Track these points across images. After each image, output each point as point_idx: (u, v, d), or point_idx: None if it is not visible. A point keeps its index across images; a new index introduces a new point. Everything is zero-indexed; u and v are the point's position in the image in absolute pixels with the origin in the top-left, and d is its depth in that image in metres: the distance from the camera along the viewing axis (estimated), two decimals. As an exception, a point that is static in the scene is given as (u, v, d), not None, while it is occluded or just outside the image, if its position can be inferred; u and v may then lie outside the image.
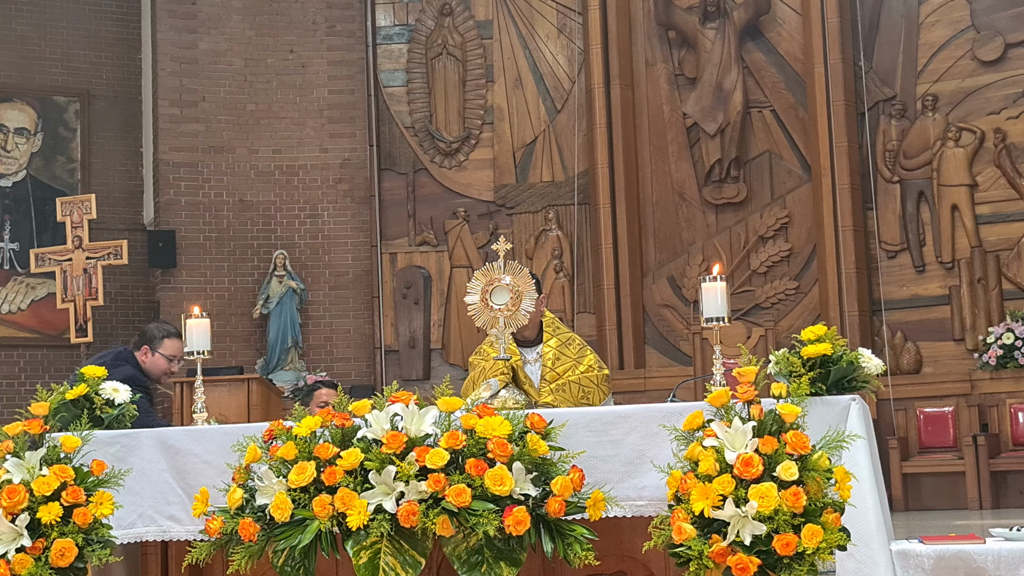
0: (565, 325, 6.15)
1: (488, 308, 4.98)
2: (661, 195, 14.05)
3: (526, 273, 5.07)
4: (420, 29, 14.91)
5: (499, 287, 4.98)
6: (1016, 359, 12.25)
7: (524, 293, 4.97)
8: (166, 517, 4.62)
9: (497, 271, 5.00)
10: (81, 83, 14.87)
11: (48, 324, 14.31)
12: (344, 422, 4.13)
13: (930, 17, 13.29)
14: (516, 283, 4.98)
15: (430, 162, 14.72)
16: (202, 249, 14.31)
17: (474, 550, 3.92)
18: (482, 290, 4.97)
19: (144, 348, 6.69)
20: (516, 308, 4.98)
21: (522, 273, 5.03)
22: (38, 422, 4.40)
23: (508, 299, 4.98)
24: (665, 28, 14.19)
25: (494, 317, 4.98)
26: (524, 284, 5.00)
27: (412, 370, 14.37)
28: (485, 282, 5.00)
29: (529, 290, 4.99)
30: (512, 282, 4.98)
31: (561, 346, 5.86)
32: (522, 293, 4.96)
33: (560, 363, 5.80)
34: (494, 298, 4.97)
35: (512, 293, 4.97)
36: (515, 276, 4.99)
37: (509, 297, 4.98)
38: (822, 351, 4.27)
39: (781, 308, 13.60)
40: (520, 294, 4.96)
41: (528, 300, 4.98)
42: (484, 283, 5.00)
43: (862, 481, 4.05)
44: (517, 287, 4.97)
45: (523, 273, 5.04)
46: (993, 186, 12.92)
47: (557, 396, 5.64)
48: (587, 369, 5.78)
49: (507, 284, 4.99)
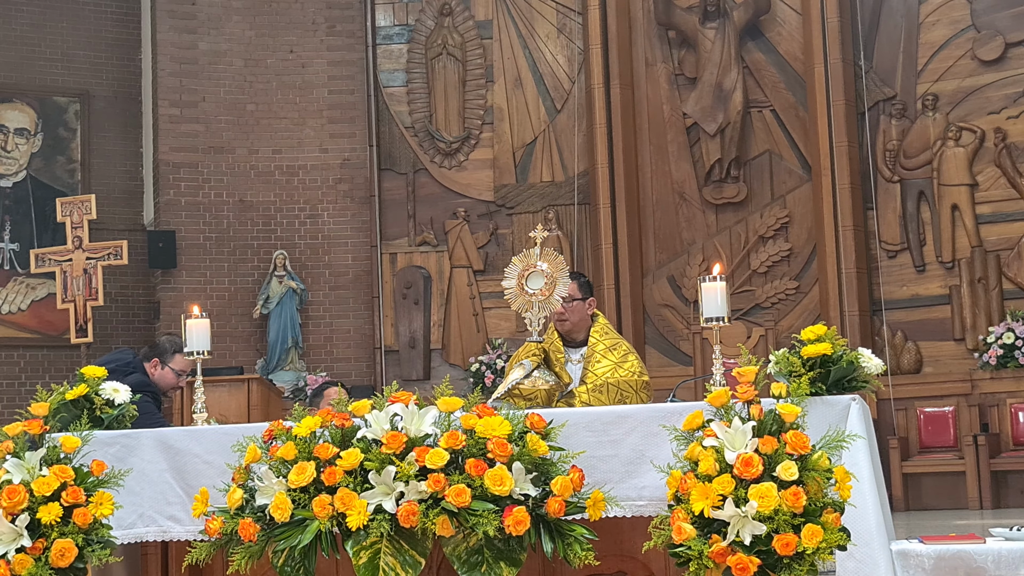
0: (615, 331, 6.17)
1: (523, 293, 5.14)
2: (661, 195, 14.05)
3: (561, 260, 5.23)
4: (420, 29, 14.92)
5: (535, 273, 5.15)
6: (1016, 359, 12.25)
7: (559, 280, 5.16)
8: (166, 517, 4.62)
9: (534, 257, 5.14)
10: (81, 83, 14.87)
11: (48, 324, 14.31)
12: (344, 422, 4.13)
13: (930, 17, 13.29)
14: (552, 270, 5.14)
15: (430, 162, 14.73)
16: (202, 249, 14.31)
17: (474, 550, 3.92)
18: (519, 275, 5.14)
19: (154, 360, 6.73)
20: (550, 293, 5.15)
21: (557, 260, 5.20)
22: (38, 422, 4.40)
23: (543, 284, 5.14)
24: (665, 28, 14.19)
25: (528, 301, 5.15)
26: (559, 271, 5.17)
27: (412, 370, 14.37)
28: (522, 267, 5.16)
29: (563, 277, 5.19)
30: (548, 269, 5.14)
31: (605, 350, 5.83)
32: (556, 280, 5.14)
33: (601, 365, 5.78)
34: (530, 283, 5.14)
35: (547, 279, 5.10)
36: (551, 263, 5.15)
37: (544, 283, 5.12)
38: (822, 351, 4.27)
39: (781, 308, 13.60)
40: (555, 281, 5.13)
41: (562, 286, 5.18)
42: (521, 268, 5.15)
43: (862, 481, 4.05)
44: (552, 274, 5.13)
45: (558, 260, 5.21)
46: (993, 186, 12.92)
47: (593, 396, 5.64)
48: (627, 374, 5.75)
49: (543, 270, 5.12)
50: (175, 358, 6.72)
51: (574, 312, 5.86)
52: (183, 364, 6.70)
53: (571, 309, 5.84)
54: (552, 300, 5.16)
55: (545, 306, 5.16)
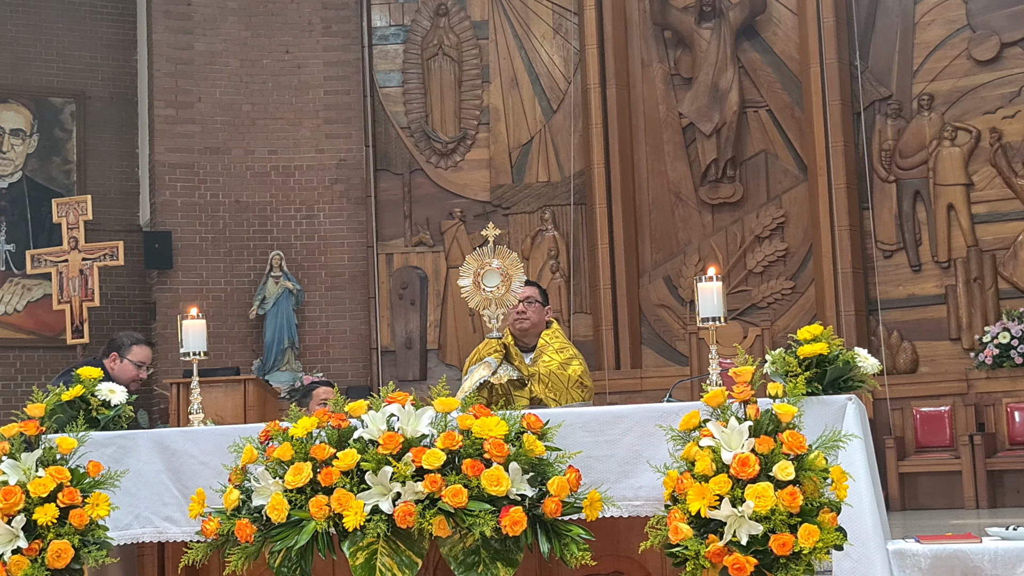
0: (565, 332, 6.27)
1: (480, 290, 5.21)
2: (657, 195, 14.05)
3: (515, 257, 5.31)
4: (416, 29, 14.91)
5: (489, 271, 5.22)
6: (1012, 358, 12.26)
7: (513, 276, 5.24)
8: (162, 518, 4.62)
9: (487, 255, 5.18)
10: (77, 84, 14.86)
11: (44, 325, 14.30)
12: (340, 423, 4.13)
13: (926, 16, 13.30)
14: (505, 266, 5.22)
15: (426, 162, 14.72)
16: (198, 250, 14.30)
17: (470, 551, 3.92)
18: (474, 273, 5.21)
19: (112, 355, 6.76)
20: (507, 289, 5.22)
21: (511, 257, 5.29)
22: (34, 423, 4.39)
23: (499, 281, 5.21)
24: (661, 28, 14.19)
25: (486, 299, 5.23)
26: (513, 267, 5.25)
27: (408, 371, 14.37)
28: (476, 266, 5.23)
29: (518, 273, 5.27)
30: (501, 265, 5.20)
31: (554, 351, 5.98)
32: (512, 276, 5.22)
33: (544, 360, 5.89)
34: (486, 281, 5.20)
35: (502, 276, 5.15)
36: (504, 260, 5.23)
37: (500, 279, 5.19)
38: (818, 351, 4.27)
39: (777, 308, 13.61)
40: (510, 277, 5.19)
41: (517, 282, 5.25)
42: (475, 267, 5.21)
43: (858, 481, 4.06)
44: (507, 270, 5.20)
45: (511, 257, 5.29)
46: (989, 185, 12.93)
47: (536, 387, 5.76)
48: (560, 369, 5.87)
49: (496, 268, 5.21)
50: (132, 350, 6.73)
51: (534, 312, 6.07)
52: (141, 355, 6.72)
53: (531, 309, 6.06)
54: (509, 296, 5.24)
55: (502, 302, 5.23)
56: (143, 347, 6.77)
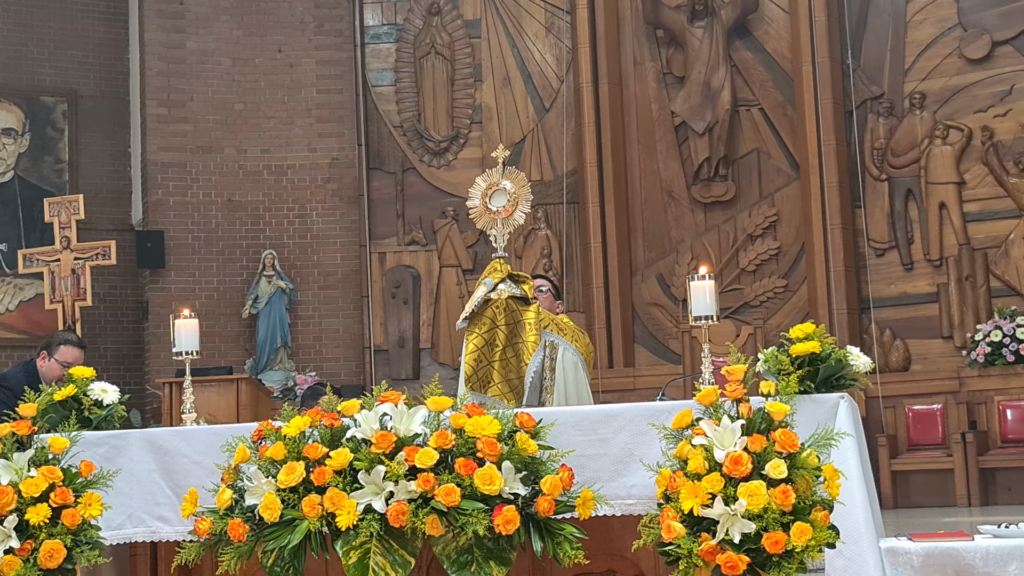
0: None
1: (488, 211, 5.14)
2: (650, 194, 14.06)
3: (523, 178, 5.29)
4: (408, 28, 14.91)
5: (498, 191, 5.15)
6: (1004, 356, 12.28)
7: (522, 198, 5.12)
8: (155, 518, 4.61)
9: (497, 176, 5.15)
10: (69, 83, 14.83)
11: (36, 325, 14.26)
12: (333, 422, 4.12)
13: (917, 15, 13.32)
14: (515, 188, 5.13)
15: (419, 161, 14.72)
16: (191, 249, 14.29)
17: (464, 549, 3.92)
18: (483, 193, 5.15)
19: (43, 353, 6.82)
20: (514, 210, 5.19)
21: (519, 178, 5.26)
22: (26, 423, 4.39)
23: (506, 202, 5.18)
24: (653, 27, 14.20)
25: (492, 219, 5.23)
26: (522, 190, 5.22)
27: (401, 370, 14.36)
28: (486, 186, 5.14)
29: (526, 193, 5.17)
30: (511, 187, 5.13)
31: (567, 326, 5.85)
32: (520, 197, 5.12)
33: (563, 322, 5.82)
34: (493, 201, 5.13)
35: (510, 197, 5.10)
36: (514, 181, 5.15)
37: (507, 200, 5.14)
38: (811, 349, 4.27)
39: (770, 306, 13.62)
40: (518, 198, 5.10)
41: (525, 203, 5.17)
42: (485, 187, 5.14)
43: (851, 479, 4.06)
44: (516, 193, 5.12)
45: (520, 177, 5.27)
46: (981, 184, 12.95)
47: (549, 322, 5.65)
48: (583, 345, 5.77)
49: (506, 188, 5.11)
50: (59, 349, 6.78)
51: (546, 300, 5.95)
52: (68, 355, 6.75)
53: (543, 297, 5.94)
54: (515, 216, 5.20)
55: (509, 223, 5.20)
56: (71, 348, 6.81)
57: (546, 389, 5.51)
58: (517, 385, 5.34)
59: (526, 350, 5.37)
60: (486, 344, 5.33)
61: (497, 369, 5.34)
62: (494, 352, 5.34)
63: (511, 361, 5.34)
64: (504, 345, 5.35)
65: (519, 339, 5.37)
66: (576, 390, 5.60)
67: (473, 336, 5.37)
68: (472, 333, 5.38)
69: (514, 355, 5.35)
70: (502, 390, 5.29)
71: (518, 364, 5.36)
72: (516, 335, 5.34)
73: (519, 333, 5.36)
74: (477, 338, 5.34)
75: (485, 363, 5.34)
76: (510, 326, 5.36)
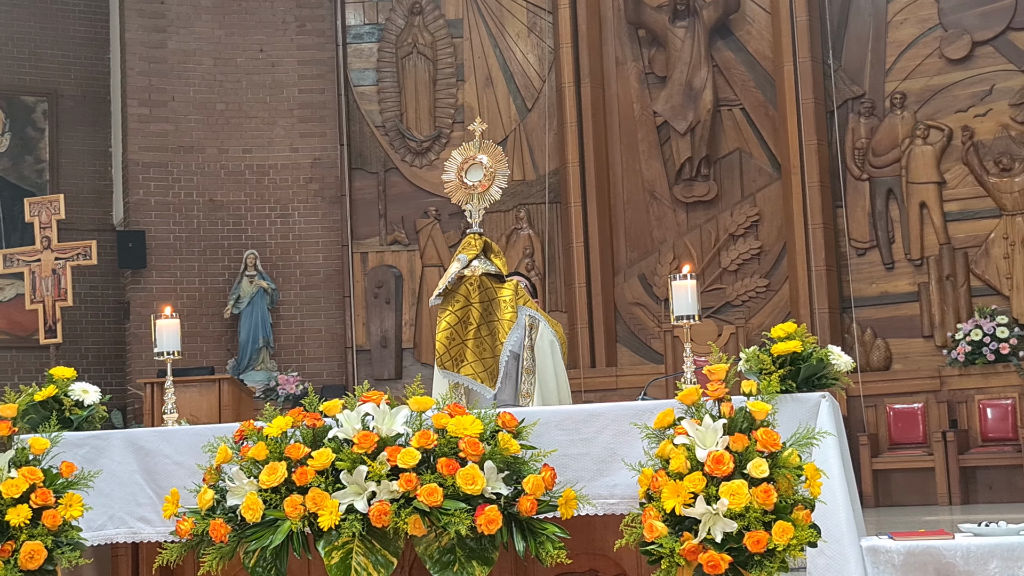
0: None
1: (463, 185, 5.09)
2: (632, 193, 14.07)
3: (500, 152, 5.23)
4: (390, 28, 14.89)
5: (474, 165, 5.11)
6: (984, 355, 12.33)
7: (498, 172, 5.11)
8: (137, 519, 4.60)
9: (474, 150, 5.10)
10: (49, 83, 14.77)
11: (17, 325, 14.21)
12: (315, 422, 4.12)
13: (898, 15, 13.36)
14: (492, 163, 5.09)
15: (401, 161, 14.70)
16: (172, 249, 14.25)
17: (446, 549, 3.91)
18: (458, 167, 5.11)
19: None
20: (490, 185, 5.14)
21: (496, 152, 5.20)
22: (6, 424, 4.37)
23: (482, 176, 5.13)
24: (635, 27, 14.21)
25: (468, 194, 5.18)
26: (499, 165, 5.17)
27: (384, 370, 14.34)
28: (462, 160, 5.11)
29: (503, 169, 5.13)
30: (487, 161, 5.10)
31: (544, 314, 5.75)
32: (496, 172, 5.09)
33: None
34: (469, 175, 5.10)
35: (486, 172, 5.07)
36: (491, 155, 5.11)
37: (483, 175, 5.10)
38: (792, 348, 4.29)
39: (752, 306, 13.65)
40: (494, 173, 5.07)
41: (501, 178, 5.13)
42: (460, 161, 5.10)
43: (832, 478, 4.07)
44: (492, 167, 5.08)
45: (497, 151, 5.21)
46: (961, 183, 13.00)
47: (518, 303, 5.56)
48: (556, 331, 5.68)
49: (482, 162, 5.08)
50: None
51: None
52: None
53: None
54: (491, 192, 5.15)
55: (485, 197, 5.15)
56: None
57: (525, 369, 5.44)
58: (491, 364, 5.27)
59: (501, 328, 5.30)
60: (459, 322, 5.27)
61: (471, 348, 5.25)
62: (467, 330, 5.28)
63: (485, 340, 5.28)
64: (478, 323, 5.28)
65: (494, 317, 5.32)
66: (555, 373, 5.54)
67: (446, 314, 5.30)
68: (445, 311, 5.31)
69: (489, 333, 5.29)
70: (475, 369, 5.22)
71: (493, 343, 5.30)
72: (491, 313, 5.30)
73: (494, 311, 5.31)
74: (450, 315, 5.28)
75: (458, 341, 5.26)
76: (484, 304, 5.32)
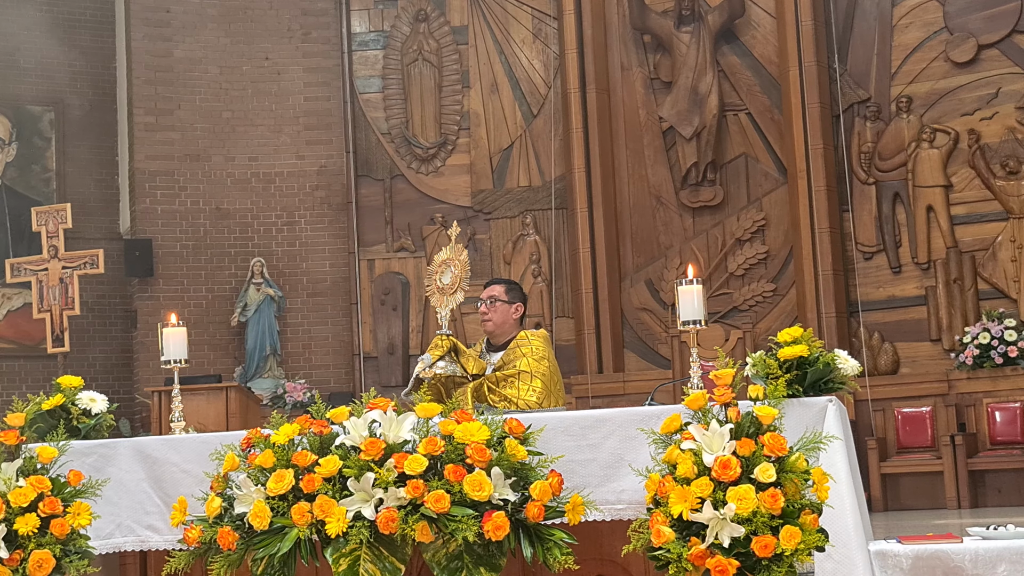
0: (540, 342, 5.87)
1: (437, 289, 5.47)
2: (638, 199, 14.07)
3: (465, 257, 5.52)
4: (395, 35, 14.91)
5: (446, 270, 5.49)
6: (992, 359, 12.30)
7: (462, 277, 5.47)
8: (144, 527, 4.60)
9: (447, 254, 5.50)
10: (56, 92, 14.80)
11: (25, 334, 14.24)
12: (322, 429, 4.12)
13: (904, 19, 13.35)
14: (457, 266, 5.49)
15: (407, 168, 14.72)
16: (179, 257, 14.27)
17: (454, 556, 3.91)
18: (435, 271, 5.37)
19: None
20: (457, 288, 5.47)
21: (462, 256, 5.50)
22: (14, 433, 4.38)
23: (450, 280, 5.46)
24: (640, 32, 14.22)
25: (441, 297, 5.46)
26: (462, 267, 5.48)
27: (391, 377, 14.34)
28: (436, 265, 5.52)
29: (465, 272, 5.47)
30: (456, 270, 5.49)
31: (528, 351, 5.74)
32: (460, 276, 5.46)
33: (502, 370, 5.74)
34: (442, 279, 5.32)
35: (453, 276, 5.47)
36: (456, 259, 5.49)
37: (450, 278, 5.47)
38: (799, 353, 4.28)
39: (758, 310, 13.64)
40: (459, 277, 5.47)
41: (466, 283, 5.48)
42: (435, 266, 5.52)
43: (840, 482, 4.07)
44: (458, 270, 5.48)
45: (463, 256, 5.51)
46: (968, 187, 12.98)
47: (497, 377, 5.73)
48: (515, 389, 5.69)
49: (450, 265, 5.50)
50: None
51: (497, 312, 5.87)
52: None
53: (494, 309, 5.87)
54: (456, 296, 5.43)
55: (451, 300, 5.42)
56: None
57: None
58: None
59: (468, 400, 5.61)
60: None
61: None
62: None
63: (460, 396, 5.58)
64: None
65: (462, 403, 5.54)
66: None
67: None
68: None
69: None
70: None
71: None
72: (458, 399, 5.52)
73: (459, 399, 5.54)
74: None
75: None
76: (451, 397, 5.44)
